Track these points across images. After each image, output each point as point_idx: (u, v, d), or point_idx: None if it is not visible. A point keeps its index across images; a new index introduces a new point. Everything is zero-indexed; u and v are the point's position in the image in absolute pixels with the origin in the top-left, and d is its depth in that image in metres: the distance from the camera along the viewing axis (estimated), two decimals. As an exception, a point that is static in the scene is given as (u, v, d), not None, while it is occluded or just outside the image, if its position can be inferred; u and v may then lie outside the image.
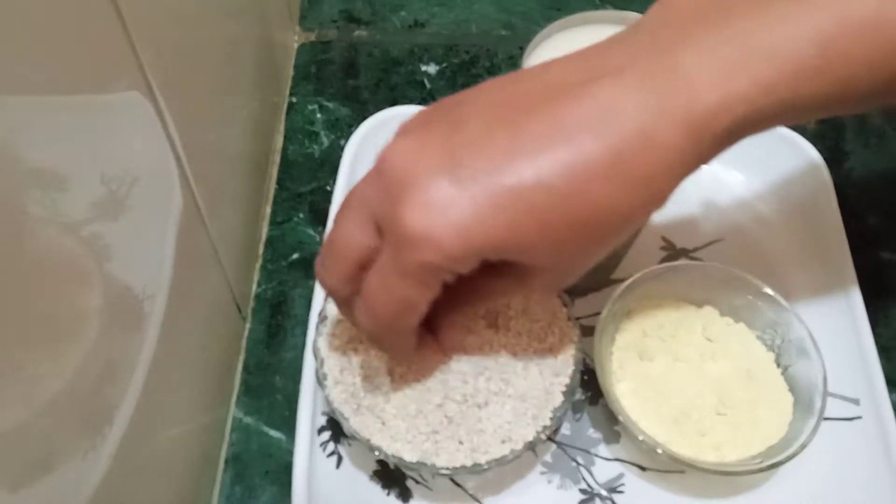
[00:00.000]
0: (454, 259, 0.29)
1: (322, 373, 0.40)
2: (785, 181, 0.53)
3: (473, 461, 0.38)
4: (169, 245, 0.37)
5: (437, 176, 0.29)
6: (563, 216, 0.29)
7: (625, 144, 0.29)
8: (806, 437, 0.40)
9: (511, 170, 0.29)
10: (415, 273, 0.30)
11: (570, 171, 0.29)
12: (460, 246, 0.29)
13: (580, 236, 0.30)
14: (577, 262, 0.32)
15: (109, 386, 0.32)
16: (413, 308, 0.32)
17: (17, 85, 0.24)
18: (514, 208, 0.29)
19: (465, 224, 0.29)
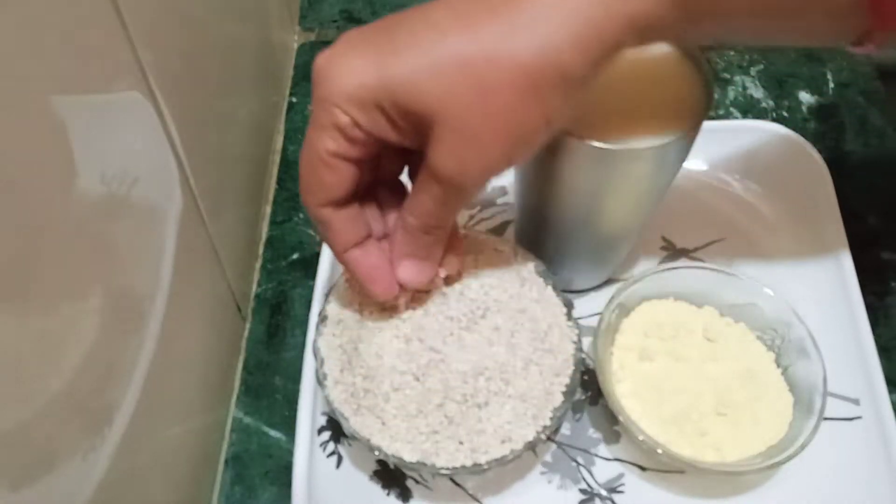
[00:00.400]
0: (346, 95, 0.31)
1: (322, 373, 0.40)
2: (785, 181, 0.53)
3: (473, 461, 0.38)
4: (169, 245, 0.37)
5: (363, 38, 0.31)
6: (462, 72, 0.30)
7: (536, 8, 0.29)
8: (806, 438, 0.40)
9: (426, 35, 0.30)
10: (316, 115, 0.31)
11: (480, 38, 0.29)
12: (352, 82, 0.30)
13: (476, 92, 0.30)
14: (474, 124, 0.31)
15: (109, 386, 0.32)
16: (321, 161, 0.32)
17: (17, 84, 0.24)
18: (416, 61, 0.30)
19: (361, 64, 0.30)
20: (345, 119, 0.31)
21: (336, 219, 0.35)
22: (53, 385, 0.27)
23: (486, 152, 0.32)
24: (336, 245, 0.36)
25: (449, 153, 0.31)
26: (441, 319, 0.40)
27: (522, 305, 0.41)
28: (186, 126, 0.38)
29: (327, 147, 0.32)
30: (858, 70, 0.62)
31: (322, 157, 0.32)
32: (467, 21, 0.30)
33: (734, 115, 0.60)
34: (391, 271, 0.37)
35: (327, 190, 0.33)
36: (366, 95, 0.30)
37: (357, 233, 0.36)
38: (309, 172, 0.33)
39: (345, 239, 0.35)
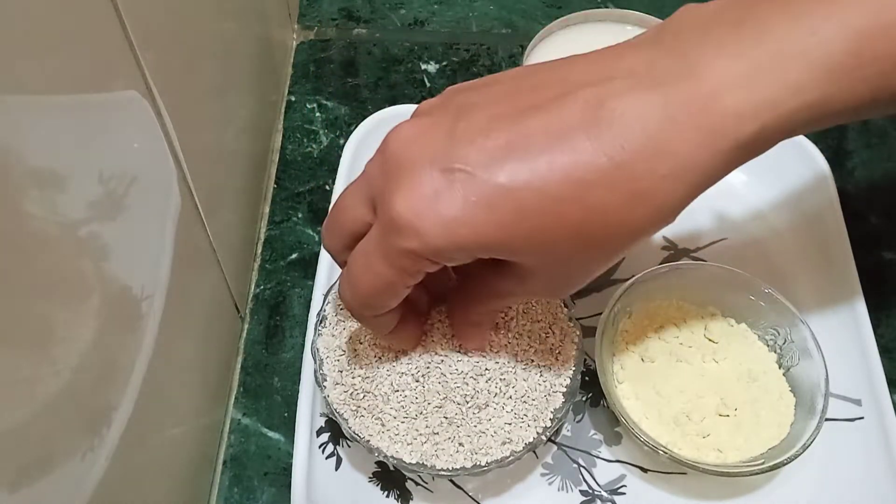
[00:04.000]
0: (436, 251, 0.29)
1: (321, 374, 0.40)
2: (787, 181, 0.53)
3: (473, 462, 0.38)
4: (167, 245, 0.37)
5: (432, 165, 0.29)
6: (556, 221, 0.28)
7: (627, 152, 0.27)
8: (808, 438, 0.40)
9: (505, 168, 0.28)
10: (396, 258, 0.30)
11: (565, 175, 0.28)
12: (444, 239, 0.29)
13: (575, 243, 0.29)
14: (575, 269, 0.31)
15: (107, 386, 0.31)
16: (391, 290, 0.32)
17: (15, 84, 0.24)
18: (504, 208, 0.28)
19: (451, 218, 0.28)
20: (434, 266, 0.30)
21: (387, 318, 0.35)
22: (51, 386, 0.27)
23: (576, 284, 0.33)
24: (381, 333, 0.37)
25: (541, 284, 0.32)
26: (441, 319, 0.40)
27: (523, 306, 0.41)
28: (184, 125, 0.37)
29: (406, 283, 0.31)
30: (859, 69, 0.62)
31: (398, 290, 0.32)
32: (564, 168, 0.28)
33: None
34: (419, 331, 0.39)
35: (390, 307, 0.33)
36: (459, 251, 0.29)
37: (398, 316, 0.36)
38: (376, 299, 0.32)
39: (390, 327, 0.36)
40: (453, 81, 0.60)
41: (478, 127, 0.29)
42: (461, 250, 0.29)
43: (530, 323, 0.40)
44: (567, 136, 0.28)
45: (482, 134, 0.29)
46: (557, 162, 0.28)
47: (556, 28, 0.45)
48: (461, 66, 0.61)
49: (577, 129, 0.28)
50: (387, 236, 0.30)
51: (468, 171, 0.28)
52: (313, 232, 0.54)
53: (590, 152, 0.27)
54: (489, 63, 0.61)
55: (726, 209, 0.53)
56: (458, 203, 0.28)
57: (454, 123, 0.30)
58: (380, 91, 0.60)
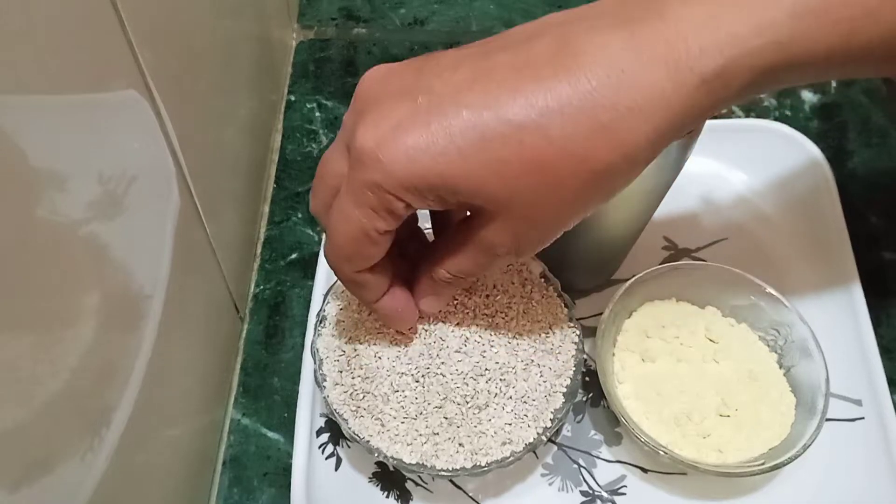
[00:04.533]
0: (399, 183, 0.29)
1: (321, 374, 0.40)
2: (787, 180, 0.53)
3: (473, 463, 0.38)
4: (167, 244, 0.37)
5: (399, 98, 0.29)
6: (517, 151, 0.28)
7: (590, 83, 0.27)
8: (808, 439, 0.40)
9: (468, 96, 0.28)
10: (365, 196, 0.30)
11: (527, 103, 0.28)
12: (406, 169, 0.29)
13: (536, 178, 0.29)
14: (538, 212, 0.30)
15: (107, 387, 0.31)
16: (367, 237, 0.31)
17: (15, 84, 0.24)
18: (465, 136, 0.28)
19: (412, 146, 0.28)
20: (400, 205, 0.30)
21: (371, 279, 0.34)
22: (51, 386, 0.27)
23: (543, 234, 0.32)
24: (367, 298, 0.36)
25: (505, 232, 0.31)
26: (441, 320, 0.40)
27: (523, 306, 0.41)
28: (184, 125, 0.37)
29: (377, 227, 0.31)
30: (860, 69, 0.62)
31: (370, 235, 0.31)
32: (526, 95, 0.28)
33: (737, 113, 0.60)
34: (414, 307, 0.37)
35: (369, 260, 0.33)
36: (424, 186, 0.29)
37: (386, 283, 0.35)
38: (352, 247, 0.32)
39: (377, 292, 0.35)
40: (453, 81, 0.60)
41: (445, 64, 0.30)
42: (424, 183, 0.29)
43: (530, 323, 0.40)
44: (531, 67, 0.28)
45: (449, 69, 0.29)
46: (520, 90, 0.28)
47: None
48: (461, 65, 0.61)
49: (542, 62, 0.28)
50: (353, 173, 0.30)
51: (431, 103, 0.29)
52: (313, 232, 0.54)
53: (553, 81, 0.28)
54: (489, 63, 0.61)
55: (726, 209, 0.53)
56: (419, 131, 0.28)
57: (423, 65, 0.30)
58: (380, 91, 0.60)
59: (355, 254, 0.32)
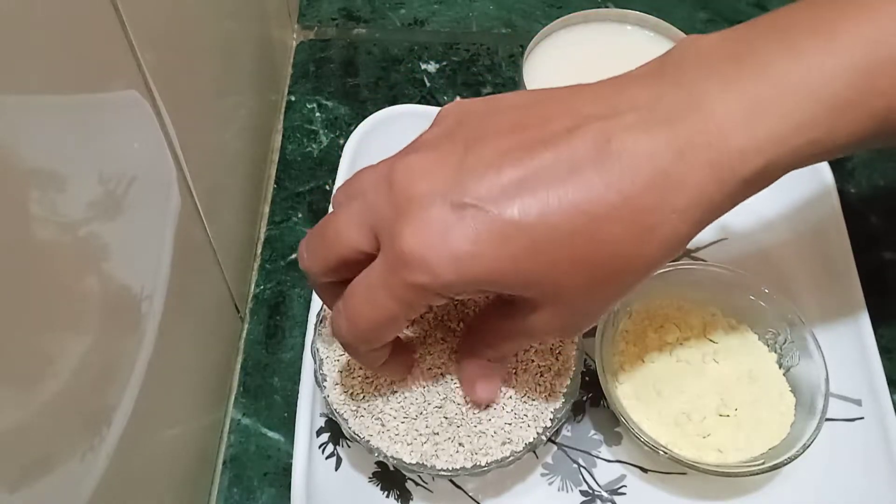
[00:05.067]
0: (447, 286, 0.29)
1: (321, 374, 0.40)
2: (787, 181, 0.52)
3: (473, 463, 0.38)
4: (167, 245, 0.37)
5: (443, 200, 0.29)
6: (567, 255, 0.28)
7: (637, 186, 0.28)
8: (808, 438, 0.40)
9: (517, 203, 0.28)
10: (404, 292, 0.30)
11: (576, 210, 0.28)
12: (455, 274, 0.29)
13: (586, 277, 0.29)
14: (587, 304, 0.31)
15: (107, 386, 0.31)
16: (394, 323, 0.31)
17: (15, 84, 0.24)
18: (516, 242, 0.28)
19: (463, 252, 0.28)
20: (440, 301, 0.30)
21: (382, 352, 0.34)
22: (51, 386, 0.27)
23: (591, 319, 0.32)
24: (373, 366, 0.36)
25: (554, 320, 0.31)
26: (441, 320, 0.40)
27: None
28: (184, 125, 0.37)
29: (408, 316, 0.31)
30: (860, 69, 0.62)
31: (399, 322, 0.31)
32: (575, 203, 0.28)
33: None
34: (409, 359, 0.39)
35: (386, 340, 0.33)
36: (468, 289, 0.29)
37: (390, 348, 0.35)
38: (375, 332, 0.32)
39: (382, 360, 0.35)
40: (453, 81, 0.60)
41: (487, 161, 0.29)
42: (471, 284, 0.29)
43: (530, 323, 0.40)
44: (577, 170, 0.28)
45: (492, 169, 0.29)
46: (568, 197, 0.28)
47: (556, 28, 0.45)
48: (461, 65, 0.61)
49: (587, 164, 0.28)
50: (395, 271, 0.29)
51: (479, 206, 0.28)
52: (313, 232, 0.53)
53: (600, 187, 0.28)
54: (489, 63, 0.61)
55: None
56: (469, 238, 0.28)
57: (463, 157, 0.29)
58: (380, 91, 0.60)
59: (377, 337, 0.32)
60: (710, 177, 0.28)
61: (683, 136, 0.28)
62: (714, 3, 0.65)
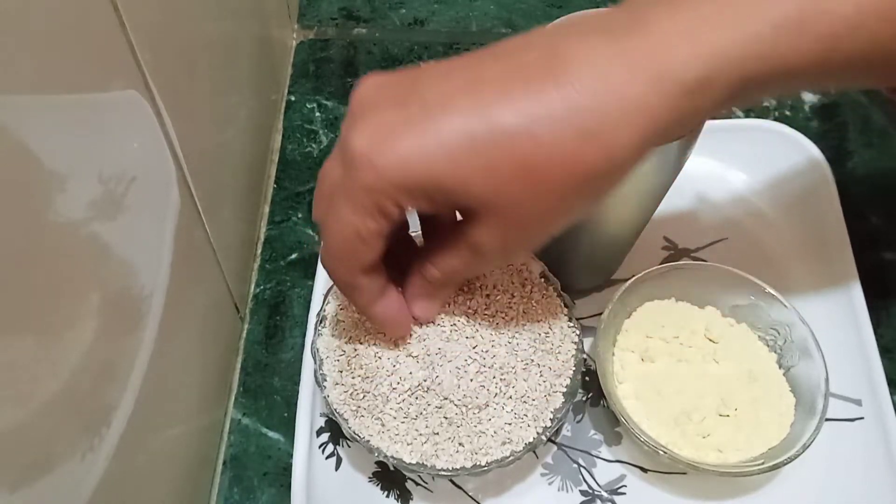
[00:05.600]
0: (392, 185, 0.30)
1: (321, 374, 0.40)
2: (787, 181, 0.53)
3: (473, 462, 0.38)
4: (167, 244, 0.37)
5: (393, 106, 0.30)
6: (507, 156, 0.29)
7: (578, 91, 0.28)
8: (808, 438, 0.40)
9: (459, 103, 0.29)
10: (358, 198, 0.30)
11: (516, 109, 0.28)
12: (398, 172, 0.29)
13: (525, 183, 0.29)
14: (528, 215, 0.31)
15: (107, 386, 0.31)
16: (359, 238, 0.32)
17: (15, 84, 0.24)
18: (456, 141, 0.29)
19: (405, 150, 0.29)
20: (391, 206, 0.31)
21: (365, 282, 0.35)
22: (51, 386, 0.27)
23: (530, 236, 0.32)
24: (361, 304, 0.36)
25: (493, 233, 0.31)
26: (441, 320, 0.40)
27: (523, 306, 0.41)
28: (184, 125, 0.37)
29: (369, 228, 0.31)
30: (860, 69, 0.62)
31: (363, 236, 0.32)
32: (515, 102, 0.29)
33: (736, 113, 0.60)
34: (408, 313, 0.38)
35: (362, 261, 0.33)
36: (415, 188, 0.30)
37: (380, 287, 0.36)
38: (345, 248, 0.33)
39: (371, 297, 0.35)
40: (453, 81, 0.60)
41: (438, 73, 0.31)
42: (415, 185, 0.30)
43: (530, 323, 0.40)
44: (521, 75, 0.29)
45: (442, 77, 0.30)
46: (510, 97, 0.29)
47: (557, 28, 0.45)
48: (461, 65, 0.61)
49: (532, 70, 0.29)
50: (348, 176, 0.30)
51: (425, 109, 0.29)
52: (313, 232, 0.54)
53: (542, 88, 0.28)
54: (489, 63, 0.61)
55: (726, 209, 0.53)
56: (412, 136, 0.29)
57: (417, 73, 0.31)
58: (380, 91, 0.60)
59: (348, 255, 0.33)
60: (651, 86, 0.28)
61: (628, 47, 0.28)
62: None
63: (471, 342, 0.39)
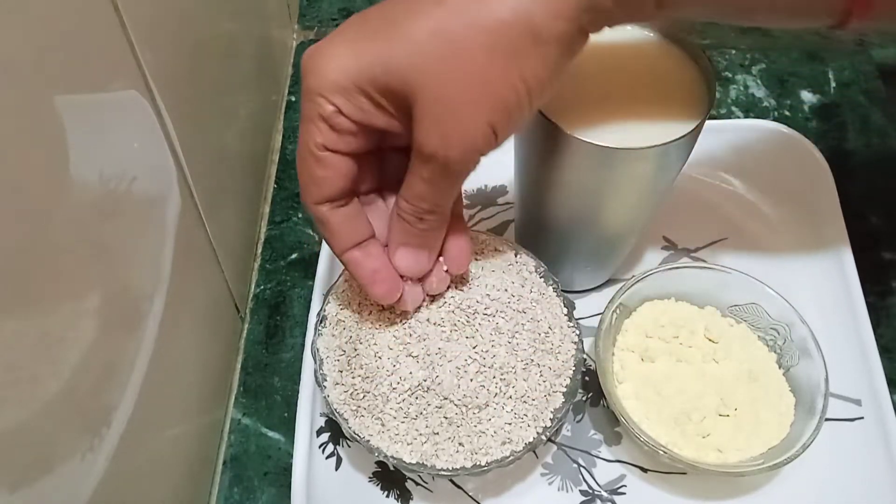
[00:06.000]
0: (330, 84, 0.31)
1: (321, 374, 0.40)
2: (787, 181, 0.53)
3: (473, 462, 0.38)
4: (167, 244, 0.37)
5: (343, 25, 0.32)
6: (423, 25, 0.30)
7: None
8: (808, 438, 0.40)
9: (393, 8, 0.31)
10: (305, 111, 0.32)
11: None
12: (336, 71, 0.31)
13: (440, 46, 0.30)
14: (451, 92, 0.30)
15: (107, 386, 0.31)
16: (312, 156, 0.32)
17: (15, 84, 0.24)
18: (379, 28, 0.31)
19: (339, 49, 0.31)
20: (329, 108, 0.31)
21: (333, 217, 0.34)
22: (52, 386, 0.27)
23: (466, 123, 0.31)
24: (334, 245, 0.36)
25: (430, 128, 0.31)
26: (441, 320, 0.40)
27: (523, 306, 0.41)
28: (185, 125, 0.37)
29: (315, 140, 0.32)
30: (860, 69, 0.62)
31: (311, 150, 0.32)
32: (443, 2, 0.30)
33: (736, 114, 0.60)
34: (394, 274, 0.37)
35: (320, 186, 0.33)
36: (345, 81, 0.31)
37: (357, 233, 0.35)
38: (302, 168, 0.33)
39: (344, 239, 0.35)
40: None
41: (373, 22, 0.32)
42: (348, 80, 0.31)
43: (530, 323, 0.40)
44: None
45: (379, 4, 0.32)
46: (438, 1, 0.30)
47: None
48: (461, 66, 0.61)
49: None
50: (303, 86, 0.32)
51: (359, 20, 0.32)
52: (313, 232, 0.54)
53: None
54: (489, 63, 0.61)
55: (726, 209, 0.53)
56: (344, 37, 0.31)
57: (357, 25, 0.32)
58: (380, 91, 0.60)
59: (306, 177, 0.33)
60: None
61: None
62: (714, 3, 0.65)
63: (471, 342, 0.39)
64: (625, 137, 0.37)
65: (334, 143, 0.32)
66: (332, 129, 0.32)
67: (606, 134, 0.37)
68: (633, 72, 0.39)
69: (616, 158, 0.37)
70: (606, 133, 0.37)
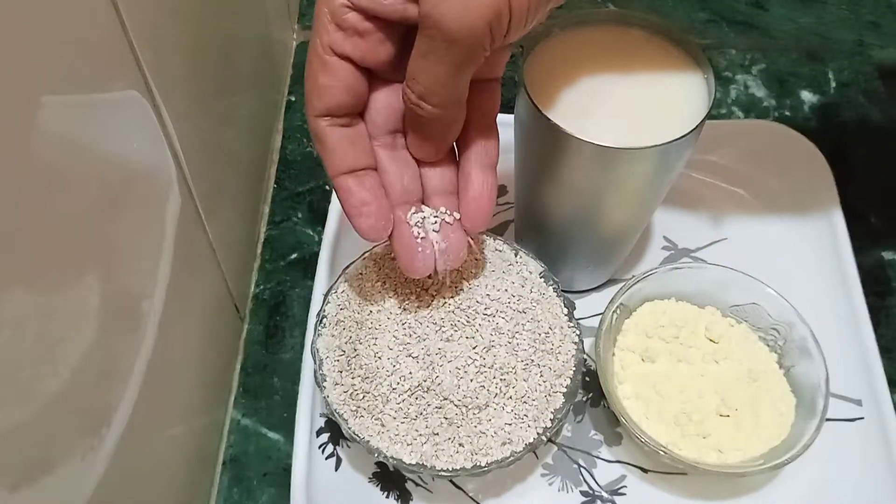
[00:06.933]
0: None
1: (321, 374, 0.40)
2: (787, 180, 0.53)
3: (473, 463, 0.38)
4: (167, 245, 0.37)
5: None
6: None
7: None
8: (808, 438, 0.40)
9: None
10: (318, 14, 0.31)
11: None
12: None
13: None
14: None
15: (107, 386, 0.31)
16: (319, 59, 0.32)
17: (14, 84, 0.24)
18: None
19: None
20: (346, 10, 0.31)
21: (331, 135, 0.33)
22: (51, 386, 0.27)
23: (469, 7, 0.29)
24: (329, 166, 0.34)
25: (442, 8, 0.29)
26: (441, 320, 0.40)
27: (523, 306, 0.41)
28: (185, 125, 0.37)
29: (322, 40, 0.31)
30: (860, 69, 0.62)
31: (318, 53, 0.32)
32: None
33: (736, 114, 0.60)
34: (386, 212, 0.35)
35: (321, 95, 0.32)
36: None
37: (354, 158, 0.34)
38: (307, 75, 0.32)
39: (339, 160, 0.34)
40: (453, 81, 0.60)
41: None
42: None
43: (530, 323, 0.40)
44: None
45: None
46: None
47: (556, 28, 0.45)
48: (461, 66, 0.61)
49: None
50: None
51: None
52: (313, 232, 0.54)
53: None
54: (489, 63, 0.61)
55: (726, 209, 0.53)
56: None
57: None
58: (380, 91, 0.60)
59: (311, 84, 0.32)
60: None
61: None
62: (714, 3, 0.65)
63: (471, 342, 0.39)
64: (625, 137, 0.37)
65: (340, 45, 0.32)
66: (339, 27, 0.31)
67: (606, 134, 0.37)
68: (633, 72, 0.39)
69: (616, 158, 0.37)
70: (606, 133, 0.37)
